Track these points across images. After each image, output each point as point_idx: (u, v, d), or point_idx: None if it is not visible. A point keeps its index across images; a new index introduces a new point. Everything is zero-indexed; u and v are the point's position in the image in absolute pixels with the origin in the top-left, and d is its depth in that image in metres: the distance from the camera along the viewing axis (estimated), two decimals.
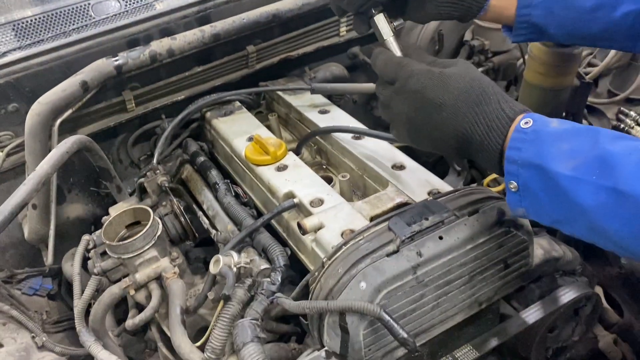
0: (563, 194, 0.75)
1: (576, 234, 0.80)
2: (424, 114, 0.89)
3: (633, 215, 0.70)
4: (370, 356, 0.98)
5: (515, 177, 0.81)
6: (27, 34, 1.46)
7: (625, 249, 0.75)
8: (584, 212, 0.74)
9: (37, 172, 1.09)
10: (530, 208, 0.82)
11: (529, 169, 0.79)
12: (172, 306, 1.17)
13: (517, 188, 0.81)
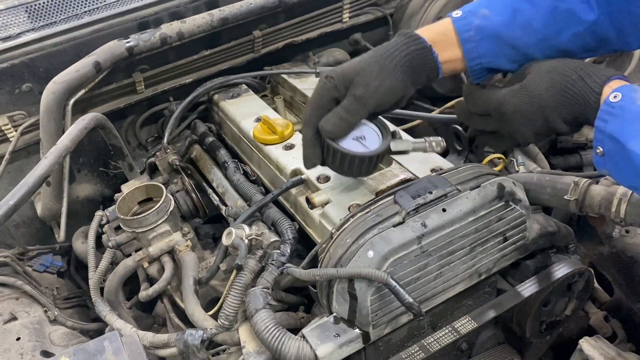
0: (636, 168, 0.83)
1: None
2: (530, 127, 0.97)
3: None
4: (377, 321, 1.03)
5: (601, 144, 0.89)
6: (40, 16, 1.49)
7: None
8: None
9: (58, 146, 1.14)
10: (612, 171, 0.90)
11: (611, 140, 0.86)
12: (185, 277, 1.22)
13: (603, 153, 0.89)
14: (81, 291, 1.62)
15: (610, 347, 1.05)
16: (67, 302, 1.57)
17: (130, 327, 1.19)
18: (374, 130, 1.11)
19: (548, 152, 1.71)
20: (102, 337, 1.03)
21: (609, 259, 1.61)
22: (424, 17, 1.87)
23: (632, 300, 1.61)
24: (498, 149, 1.41)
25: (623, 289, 1.63)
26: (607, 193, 1.16)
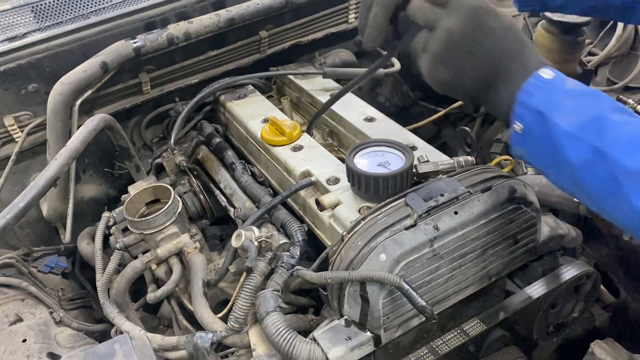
0: (557, 145, 0.81)
1: (560, 184, 0.87)
2: (470, 34, 0.88)
3: (607, 176, 0.75)
4: (388, 324, 1.03)
5: (521, 120, 0.85)
6: (46, 16, 1.49)
7: (597, 205, 0.81)
8: (570, 166, 0.80)
9: (67, 147, 1.13)
10: (529, 151, 0.87)
11: (534, 114, 0.83)
12: (194, 279, 1.21)
13: (522, 130, 0.85)
14: (85, 292, 1.61)
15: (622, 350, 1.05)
16: (72, 303, 1.56)
17: (139, 329, 1.19)
18: (397, 155, 1.15)
19: None
20: (113, 340, 1.02)
21: (615, 260, 1.61)
22: None
23: (637, 301, 1.61)
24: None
25: (629, 290, 1.64)
26: None
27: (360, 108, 1.47)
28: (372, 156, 1.17)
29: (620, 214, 0.77)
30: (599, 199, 0.79)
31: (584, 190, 0.80)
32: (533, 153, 0.87)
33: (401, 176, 1.10)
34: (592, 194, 0.80)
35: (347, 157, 1.14)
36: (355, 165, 1.12)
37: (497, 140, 1.72)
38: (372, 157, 1.16)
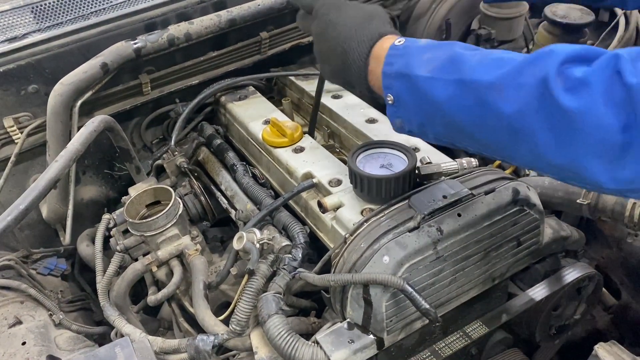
0: (423, 93, 0.85)
1: (437, 135, 0.91)
2: (323, 30, 1.02)
3: (473, 102, 0.79)
4: (391, 327, 1.02)
5: (390, 90, 0.91)
6: (46, 17, 1.48)
7: (471, 137, 0.84)
8: (439, 108, 0.84)
9: (68, 149, 1.13)
10: (404, 117, 0.92)
11: (399, 79, 0.89)
12: (195, 281, 1.20)
13: (393, 100, 0.91)
14: (85, 294, 1.61)
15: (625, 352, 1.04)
16: (71, 305, 1.55)
17: (140, 332, 1.18)
18: (400, 157, 1.14)
19: None
20: (114, 343, 1.02)
21: (616, 263, 1.61)
22: (431, 19, 1.86)
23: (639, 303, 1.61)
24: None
25: (630, 292, 1.64)
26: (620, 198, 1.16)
27: (362, 109, 1.46)
28: (374, 158, 1.16)
29: (496, 132, 0.78)
30: (471, 129, 0.82)
31: (457, 127, 0.84)
32: (408, 117, 0.91)
33: (404, 178, 1.09)
34: (464, 127, 0.83)
35: (350, 159, 1.14)
36: (358, 166, 1.12)
37: None
38: (374, 158, 1.16)
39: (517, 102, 0.73)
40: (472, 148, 0.86)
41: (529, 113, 0.72)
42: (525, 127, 0.73)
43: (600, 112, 0.66)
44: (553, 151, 0.72)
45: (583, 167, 0.70)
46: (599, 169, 0.69)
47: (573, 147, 0.70)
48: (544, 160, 0.74)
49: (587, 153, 0.69)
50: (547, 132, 0.71)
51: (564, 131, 0.70)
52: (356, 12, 0.99)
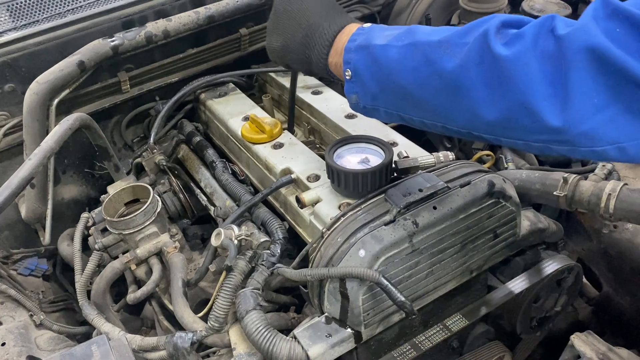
0: (377, 61, 0.90)
1: (387, 107, 0.94)
2: (293, 6, 1.05)
3: (420, 61, 0.83)
4: (369, 320, 1.02)
5: (349, 64, 0.95)
6: (22, 15, 1.47)
7: (416, 103, 0.87)
8: (390, 73, 0.88)
9: (42, 147, 1.12)
10: (359, 91, 0.95)
11: (358, 51, 0.93)
12: (174, 279, 1.20)
13: (351, 75, 0.95)
14: (67, 294, 1.60)
15: (601, 342, 1.05)
16: (53, 305, 1.54)
17: (119, 330, 1.17)
18: (377, 151, 1.15)
19: None
20: (90, 342, 1.01)
21: (597, 254, 1.62)
22: (412, 14, 1.87)
23: (620, 294, 1.62)
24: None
25: (611, 283, 1.65)
26: (596, 189, 1.17)
27: (342, 105, 1.46)
28: (351, 152, 1.16)
29: (438, 93, 0.82)
30: (420, 93, 0.85)
31: (409, 95, 0.87)
32: (363, 90, 0.95)
33: (380, 172, 1.09)
34: (414, 93, 0.85)
35: (327, 154, 1.14)
36: (335, 161, 1.12)
37: None
38: (351, 153, 1.16)
39: (459, 57, 0.77)
40: (417, 116, 0.90)
41: (469, 67, 0.76)
42: (465, 83, 0.76)
43: (530, 60, 0.69)
44: (487, 106, 0.75)
45: (513, 119, 0.72)
46: (527, 121, 0.71)
47: (505, 98, 0.72)
48: (479, 118, 0.77)
49: (516, 104, 0.71)
50: (483, 86, 0.74)
51: (498, 82, 0.72)
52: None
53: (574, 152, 0.70)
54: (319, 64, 1.02)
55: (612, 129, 0.65)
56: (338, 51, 0.98)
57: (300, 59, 1.06)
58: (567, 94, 0.66)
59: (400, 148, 1.27)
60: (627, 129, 0.65)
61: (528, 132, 0.72)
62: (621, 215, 1.14)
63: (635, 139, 0.65)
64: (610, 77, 0.63)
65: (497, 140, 0.80)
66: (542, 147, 0.73)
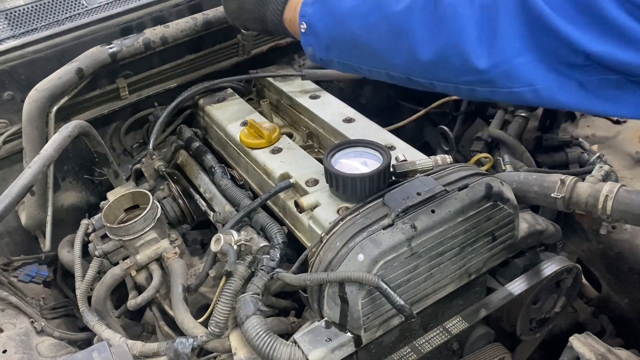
0: (331, 11, 0.95)
1: (340, 57, 0.98)
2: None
3: (370, 8, 0.88)
4: (368, 324, 1.03)
5: (304, 17, 1.00)
6: (21, 23, 1.47)
7: (363, 50, 0.92)
8: (342, 21, 0.93)
9: (41, 155, 1.12)
10: (314, 43, 1.00)
11: (314, 4, 0.98)
12: (174, 284, 1.20)
13: (306, 28, 1.00)
14: (68, 300, 1.60)
15: (600, 343, 1.05)
16: (54, 312, 1.55)
17: (119, 336, 1.18)
18: (375, 155, 1.15)
19: (534, 150, 1.72)
20: (91, 348, 1.01)
21: (596, 255, 1.63)
22: None
23: (619, 295, 1.63)
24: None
25: (610, 284, 1.65)
26: (593, 190, 1.17)
27: (340, 109, 1.47)
28: (349, 157, 1.17)
29: (383, 37, 0.87)
30: (368, 38, 0.90)
31: (358, 41, 0.92)
32: (318, 41, 0.99)
33: (378, 176, 1.10)
34: (362, 38, 0.90)
35: (325, 158, 1.14)
36: (333, 166, 1.12)
37: (478, 138, 1.73)
38: (349, 157, 1.17)
39: (406, 2, 0.83)
40: (365, 65, 0.95)
41: (414, 10, 0.82)
42: (408, 26, 0.82)
43: (466, 5, 0.75)
44: (425, 48, 0.80)
45: (446, 59, 0.78)
46: (457, 60, 0.77)
47: (440, 39, 0.78)
48: (417, 60, 0.82)
49: (449, 45, 0.77)
50: (423, 29, 0.80)
51: (435, 24, 0.78)
52: None
53: (495, 93, 0.77)
54: (274, 20, 1.08)
55: (529, 72, 0.71)
56: (292, 7, 1.04)
57: (255, 17, 1.12)
58: (494, 37, 0.72)
59: (398, 152, 1.27)
60: (542, 74, 0.71)
61: (458, 72, 0.78)
62: (619, 217, 1.14)
63: (547, 84, 0.71)
64: (532, 26, 0.70)
65: (431, 84, 0.86)
66: (468, 89, 0.79)
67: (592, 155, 1.62)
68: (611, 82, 0.68)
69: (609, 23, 0.63)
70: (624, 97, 0.69)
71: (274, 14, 1.07)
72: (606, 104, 0.71)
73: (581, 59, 0.67)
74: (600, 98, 0.70)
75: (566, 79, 0.70)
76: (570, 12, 0.66)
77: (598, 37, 0.65)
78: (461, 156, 1.85)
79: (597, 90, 0.70)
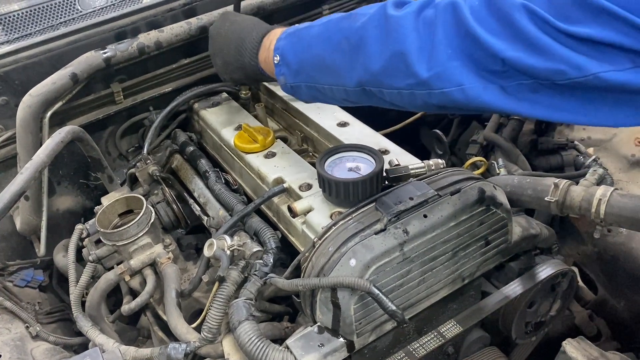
0: (300, 40, 1.06)
1: (308, 80, 1.06)
2: (220, 26, 1.28)
3: (333, 31, 0.99)
4: (361, 329, 1.03)
5: (278, 50, 1.09)
6: (15, 28, 1.47)
7: (327, 70, 1.01)
8: (309, 46, 1.03)
9: (34, 160, 1.12)
10: (286, 71, 1.09)
11: (287, 38, 1.09)
12: (167, 290, 1.20)
13: (279, 59, 1.09)
14: (64, 305, 1.60)
15: (593, 348, 1.05)
16: (50, 316, 1.55)
17: (113, 342, 1.18)
18: (368, 160, 1.16)
19: (529, 153, 1.72)
20: (84, 354, 1.01)
21: (592, 258, 1.62)
22: None
23: (615, 298, 1.62)
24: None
25: (607, 287, 1.65)
26: (586, 194, 1.17)
27: (334, 113, 1.47)
28: (342, 161, 1.17)
29: (344, 54, 0.96)
30: (331, 57, 0.99)
31: (322, 62, 1.01)
32: (288, 69, 1.08)
33: (371, 181, 1.10)
34: (326, 58, 1.00)
35: (318, 163, 1.14)
36: (326, 171, 1.12)
37: (473, 141, 1.73)
38: (342, 162, 1.17)
39: (362, 20, 0.94)
40: (327, 83, 1.03)
41: (368, 28, 0.92)
42: (363, 41, 0.92)
43: (411, 18, 0.86)
44: (376, 58, 0.90)
45: (392, 66, 0.88)
46: (401, 66, 0.86)
47: (388, 48, 0.88)
48: (369, 70, 0.92)
49: (395, 53, 0.87)
50: (375, 42, 0.90)
51: (385, 35, 0.88)
52: (251, 18, 1.27)
53: (431, 95, 0.86)
54: (251, 64, 1.18)
55: (458, 74, 0.81)
56: (266, 47, 1.14)
57: (237, 67, 1.21)
58: (431, 46, 0.83)
59: (392, 156, 1.27)
60: (469, 77, 0.81)
61: (402, 77, 0.87)
62: (612, 220, 1.14)
63: (473, 85, 0.80)
64: (461, 36, 0.80)
65: (381, 92, 0.94)
66: (409, 94, 0.88)
67: (588, 158, 1.62)
68: (527, 87, 0.77)
69: (520, 33, 0.74)
70: (539, 100, 0.77)
71: (251, 57, 1.17)
72: (525, 106, 0.79)
73: (499, 65, 0.77)
74: (520, 101, 0.79)
75: (489, 82, 0.79)
76: (491, 23, 0.77)
77: (511, 44, 0.75)
78: (457, 159, 1.85)
79: (517, 94, 0.78)
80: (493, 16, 0.77)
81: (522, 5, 0.73)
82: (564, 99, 0.75)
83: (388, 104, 0.97)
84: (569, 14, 0.70)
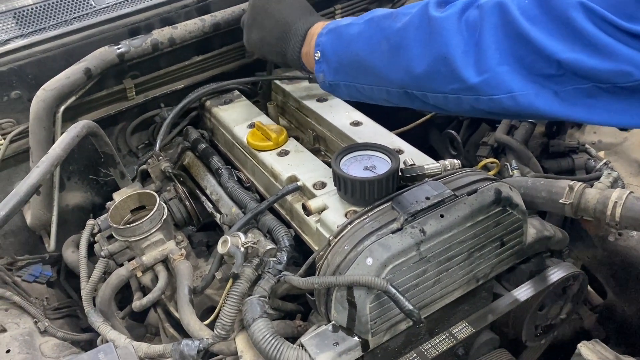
0: (341, 38, 1.05)
1: (347, 79, 1.06)
2: (270, 7, 1.22)
3: (374, 31, 0.97)
4: (376, 329, 1.02)
5: (319, 46, 1.09)
6: (29, 22, 1.47)
7: (367, 69, 0.99)
8: (349, 45, 1.02)
9: (50, 154, 1.12)
10: (325, 68, 1.09)
11: (328, 34, 1.08)
12: (180, 286, 1.20)
13: (320, 56, 1.09)
14: (71, 301, 1.59)
15: (608, 350, 1.05)
16: (57, 312, 1.54)
17: (125, 337, 1.17)
18: (383, 159, 1.15)
19: (540, 155, 1.72)
20: (97, 349, 1.01)
21: (601, 262, 1.62)
22: None
23: (625, 302, 1.62)
24: None
25: (616, 291, 1.65)
26: (602, 196, 1.17)
27: (347, 112, 1.47)
28: (358, 160, 1.17)
29: (384, 55, 0.95)
30: (371, 58, 0.98)
31: (362, 62, 0.99)
32: (328, 66, 1.08)
33: (387, 180, 1.09)
34: (366, 58, 0.98)
35: (333, 162, 1.14)
36: (341, 169, 1.12)
37: (484, 143, 1.73)
38: (358, 161, 1.16)
39: (403, 21, 0.92)
40: (367, 84, 1.02)
41: (409, 29, 0.90)
42: (404, 43, 0.90)
43: (455, 20, 0.83)
44: (418, 61, 0.88)
45: (436, 70, 0.86)
46: (445, 70, 0.84)
47: (431, 52, 0.85)
48: (411, 73, 0.90)
49: (439, 57, 0.84)
50: (417, 44, 0.88)
51: (428, 39, 0.86)
52: (299, 1, 1.23)
53: (479, 100, 0.82)
54: (293, 55, 1.17)
55: (508, 80, 0.78)
56: (309, 41, 1.13)
57: (277, 51, 1.21)
58: (478, 49, 0.80)
59: (406, 155, 1.27)
60: (520, 82, 0.77)
61: (446, 82, 0.85)
62: (627, 223, 1.14)
63: (525, 91, 0.77)
64: (511, 39, 0.76)
65: (424, 95, 0.91)
66: (455, 98, 0.86)
67: (599, 162, 1.62)
68: (584, 91, 0.73)
69: (578, 33, 0.70)
70: (597, 105, 0.73)
71: (294, 49, 1.16)
72: (581, 111, 0.75)
73: (554, 69, 0.73)
74: (575, 106, 0.75)
75: (542, 87, 0.76)
76: (544, 23, 0.73)
77: (569, 45, 0.71)
78: (466, 161, 1.84)
79: (572, 99, 0.75)
80: (547, 15, 0.72)
81: (578, 3, 0.69)
82: (623, 102, 0.71)
83: (432, 107, 0.94)
84: (632, 12, 0.66)
